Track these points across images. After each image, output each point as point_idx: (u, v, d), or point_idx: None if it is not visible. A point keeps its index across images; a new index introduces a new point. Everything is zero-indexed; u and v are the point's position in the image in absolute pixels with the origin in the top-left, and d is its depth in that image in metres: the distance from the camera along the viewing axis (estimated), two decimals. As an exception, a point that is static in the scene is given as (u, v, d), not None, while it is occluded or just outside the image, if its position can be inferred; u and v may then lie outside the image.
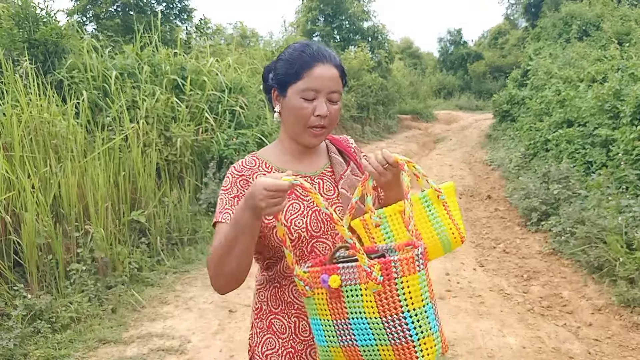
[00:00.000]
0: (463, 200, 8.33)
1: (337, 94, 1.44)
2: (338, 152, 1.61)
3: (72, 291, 4.26)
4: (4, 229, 4.29)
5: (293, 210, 1.44)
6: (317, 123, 1.42)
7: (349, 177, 1.54)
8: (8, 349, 3.54)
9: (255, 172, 1.48)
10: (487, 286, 4.83)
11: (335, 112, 1.44)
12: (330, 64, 1.43)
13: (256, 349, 1.52)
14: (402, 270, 1.15)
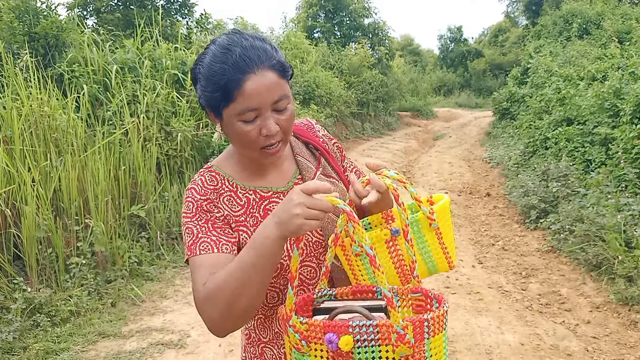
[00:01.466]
0: (462, 198, 8.34)
1: (283, 101, 1.17)
2: (305, 148, 1.40)
3: (72, 285, 4.27)
4: (4, 222, 4.30)
5: None
6: (268, 143, 1.18)
7: (320, 179, 1.33)
8: (7, 342, 3.55)
9: (221, 194, 1.26)
10: (485, 283, 4.84)
11: (286, 120, 1.19)
12: (262, 68, 1.14)
13: None
14: (433, 331, 1.01)
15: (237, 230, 1.25)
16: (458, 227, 6.72)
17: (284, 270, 1.24)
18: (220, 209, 1.24)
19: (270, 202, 1.29)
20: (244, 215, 1.26)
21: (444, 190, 8.75)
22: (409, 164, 12.29)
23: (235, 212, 1.26)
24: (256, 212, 1.27)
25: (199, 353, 3.62)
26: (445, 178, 9.96)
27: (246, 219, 1.26)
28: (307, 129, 1.43)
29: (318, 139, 1.42)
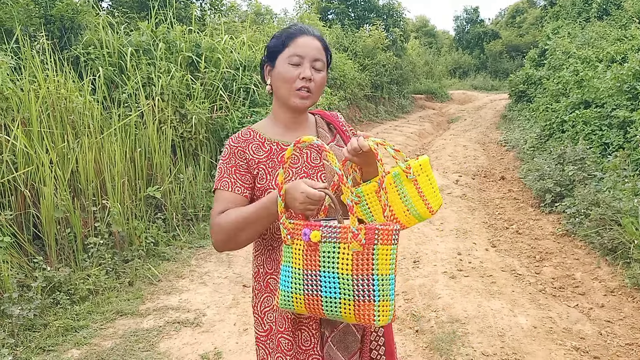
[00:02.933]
0: (476, 181, 8.31)
1: (320, 62, 1.58)
2: (326, 125, 1.76)
3: (90, 264, 4.35)
4: (23, 203, 4.37)
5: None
6: (302, 85, 1.56)
7: (333, 148, 1.68)
8: (28, 319, 3.64)
9: (250, 143, 1.63)
10: (498, 266, 4.84)
11: (319, 79, 1.59)
12: (313, 36, 1.60)
13: (256, 307, 1.69)
14: (381, 239, 1.30)
15: (256, 169, 1.61)
16: (472, 211, 6.71)
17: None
18: (246, 156, 1.61)
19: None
20: (265, 159, 1.62)
21: (458, 174, 8.72)
22: (422, 147, 12.24)
23: (259, 156, 1.62)
24: (275, 157, 1.62)
25: (214, 332, 3.69)
26: (459, 161, 9.91)
27: (266, 162, 1.62)
28: (331, 115, 1.81)
29: (338, 122, 1.80)
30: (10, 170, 4.31)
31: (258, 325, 1.70)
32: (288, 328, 1.58)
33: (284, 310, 1.56)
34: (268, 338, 1.66)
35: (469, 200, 7.17)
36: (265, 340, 1.67)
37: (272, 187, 1.57)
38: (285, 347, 1.59)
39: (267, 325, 1.66)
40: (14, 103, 4.74)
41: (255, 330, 1.71)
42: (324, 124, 1.76)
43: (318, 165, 1.65)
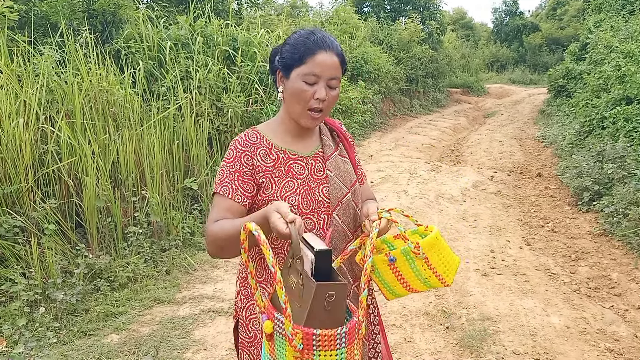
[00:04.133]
0: (512, 178, 8.20)
1: (336, 81, 1.54)
2: (329, 133, 1.74)
3: (129, 253, 4.50)
4: (67, 192, 4.55)
5: (288, 188, 1.56)
6: (315, 106, 1.53)
7: (336, 158, 1.67)
8: (71, 304, 3.80)
9: (258, 148, 1.58)
10: (532, 265, 4.79)
11: (333, 97, 1.55)
12: (332, 52, 1.53)
13: (241, 313, 1.65)
14: (321, 345, 1.19)
15: (263, 177, 1.56)
16: (507, 208, 6.63)
17: None
18: (253, 162, 1.56)
19: (294, 162, 1.60)
20: (272, 167, 1.57)
21: (493, 170, 8.61)
22: (457, 142, 12.12)
23: (266, 164, 1.57)
24: (282, 166, 1.58)
25: (247, 322, 3.78)
26: (494, 157, 9.79)
27: (273, 170, 1.57)
28: (335, 123, 1.79)
29: (342, 130, 1.78)
30: (55, 161, 4.49)
31: (242, 330, 1.65)
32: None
33: None
34: (253, 344, 1.63)
35: (504, 197, 7.09)
36: (249, 346, 1.64)
37: (278, 198, 1.53)
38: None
39: (252, 332, 1.63)
40: (59, 95, 4.93)
41: (239, 334, 1.67)
42: (327, 132, 1.73)
43: (321, 177, 1.61)
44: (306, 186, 1.57)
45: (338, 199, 1.59)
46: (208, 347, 3.45)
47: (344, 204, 1.60)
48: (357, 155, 1.80)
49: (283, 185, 1.55)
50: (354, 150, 1.78)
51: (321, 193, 1.59)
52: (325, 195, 1.58)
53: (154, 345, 3.34)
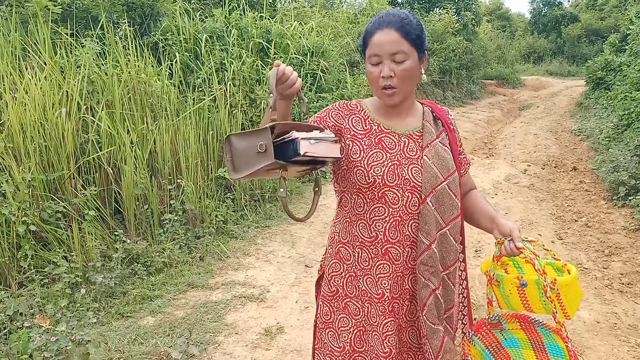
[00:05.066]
0: (546, 171, 8.08)
1: (400, 55, 1.55)
2: (433, 119, 1.73)
3: (165, 239, 4.66)
4: (106, 180, 4.73)
5: (375, 158, 1.61)
6: (384, 84, 1.57)
7: (436, 146, 1.66)
8: (110, 287, 3.97)
9: (353, 115, 1.68)
10: (564, 259, 4.72)
11: (401, 71, 1.56)
12: (389, 28, 1.55)
13: (325, 269, 1.77)
14: None
15: (350, 140, 1.65)
16: (539, 202, 6.57)
17: (373, 186, 1.59)
18: (342, 122, 1.67)
19: (386, 136, 1.65)
20: (362, 135, 1.65)
21: (527, 163, 8.51)
22: (491, 134, 11.98)
23: (357, 130, 1.66)
24: (373, 137, 1.65)
25: (277, 307, 3.88)
26: (529, 150, 9.65)
27: (362, 138, 1.65)
28: (442, 110, 1.78)
29: (448, 119, 1.76)
30: (95, 150, 4.66)
31: (325, 284, 1.77)
32: (358, 296, 1.69)
33: (354, 278, 1.69)
34: (334, 298, 1.74)
35: (537, 191, 7.01)
36: (330, 299, 1.75)
37: (364, 165, 1.60)
38: (354, 311, 1.69)
39: (334, 288, 1.74)
40: (99, 86, 5.10)
41: (322, 288, 1.79)
42: (430, 117, 1.73)
43: (413, 157, 1.64)
44: (395, 161, 1.61)
45: (433, 186, 1.60)
46: (239, 331, 3.57)
47: (438, 192, 1.61)
48: (461, 145, 1.81)
49: (371, 154, 1.61)
50: (457, 140, 1.77)
51: (409, 172, 1.61)
52: (414, 175, 1.61)
53: (188, 328, 3.47)
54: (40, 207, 4.06)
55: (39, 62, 4.86)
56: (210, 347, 3.37)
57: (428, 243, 1.60)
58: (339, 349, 1.73)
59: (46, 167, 4.31)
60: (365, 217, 1.65)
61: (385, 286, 1.66)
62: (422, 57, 1.62)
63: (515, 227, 1.57)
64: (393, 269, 1.65)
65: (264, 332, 3.54)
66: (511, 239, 1.55)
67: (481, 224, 1.72)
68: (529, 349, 1.67)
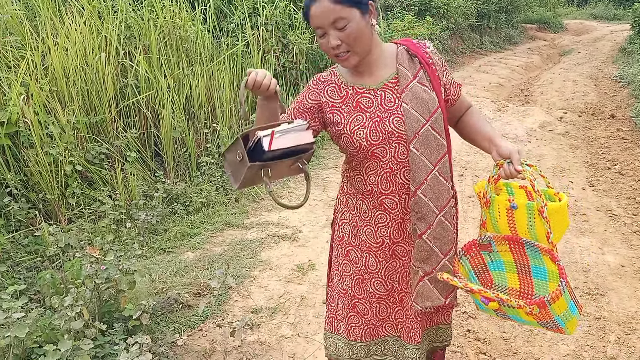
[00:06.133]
0: (582, 119, 7.93)
1: (339, 21, 1.52)
2: (408, 59, 1.67)
3: (202, 181, 4.86)
4: (145, 124, 4.91)
5: (356, 122, 1.65)
6: (336, 52, 1.58)
7: (414, 88, 1.63)
8: (152, 224, 4.21)
9: (327, 86, 1.71)
10: (594, 206, 4.77)
11: (346, 36, 1.54)
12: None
13: (337, 215, 1.91)
14: (552, 300, 1.45)
15: (330, 112, 1.69)
16: (573, 149, 6.50)
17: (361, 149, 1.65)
18: (319, 98, 1.70)
19: (362, 96, 1.67)
20: (340, 103, 1.69)
21: (563, 110, 8.35)
22: (528, 81, 11.70)
23: (334, 100, 1.69)
24: (350, 102, 1.68)
25: (308, 246, 4.07)
26: (566, 97, 9.44)
27: (341, 106, 1.68)
28: (418, 45, 1.72)
29: (425, 54, 1.69)
30: (134, 94, 4.82)
31: (336, 229, 1.90)
32: (358, 245, 1.81)
33: (356, 228, 1.80)
34: (340, 244, 1.87)
35: (572, 139, 6.93)
36: (339, 243, 1.88)
37: (347, 131, 1.64)
38: (354, 259, 1.83)
39: (341, 234, 1.86)
40: (136, 32, 5.21)
41: (335, 231, 1.92)
42: (405, 58, 1.67)
43: (392, 108, 1.64)
44: (375, 117, 1.63)
45: (415, 131, 1.60)
46: (273, 267, 3.77)
47: (421, 135, 1.61)
48: (446, 73, 1.73)
49: (352, 119, 1.64)
50: (439, 72, 1.70)
51: (392, 124, 1.62)
52: (396, 126, 1.62)
53: (225, 263, 3.68)
54: (85, 149, 4.28)
55: (78, 7, 4.97)
56: (246, 280, 3.59)
57: (414, 189, 1.65)
58: (343, 292, 1.89)
59: (89, 110, 4.50)
60: (360, 172, 1.73)
61: (384, 234, 1.76)
62: (366, 11, 1.56)
63: (515, 150, 1.56)
64: (391, 218, 1.74)
65: (296, 269, 3.74)
66: (510, 161, 1.55)
67: (479, 144, 1.74)
68: (513, 272, 1.72)
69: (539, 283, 1.70)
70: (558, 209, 1.56)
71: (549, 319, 1.49)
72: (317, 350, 2.88)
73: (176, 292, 3.25)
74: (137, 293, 2.99)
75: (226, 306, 3.30)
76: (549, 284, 1.66)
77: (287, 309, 3.27)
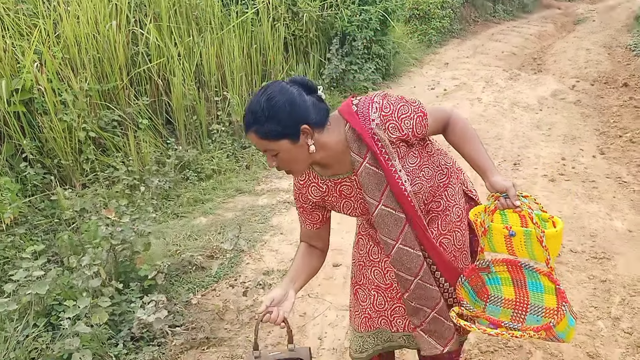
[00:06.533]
0: (595, 87, 7.85)
1: (269, 151, 1.52)
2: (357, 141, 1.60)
3: (214, 148, 4.91)
4: (156, 91, 4.95)
5: (346, 208, 1.72)
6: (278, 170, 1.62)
7: (363, 173, 1.61)
8: (164, 189, 4.29)
9: (310, 185, 1.70)
10: (604, 173, 4.77)
11: (280, 161, 1.54)
12: (249, 132, 1.51)
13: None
14: (557, 324, 1.51)
15: (326, 202, 1.72)
16: (585, 117, 6.46)
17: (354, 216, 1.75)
18: (309, 197, 1.72)
19: (342, 184, 1.68)
20: (327, 196, 1.71)
21: (575, 79, 8.26)
22: (541, 49, 11.53)
23: (322, 196, 1.71)
24: (334, 192, 1.69)
25: (319, 212, 4.12)
26: (579, 66, 9.31)
27: (329, 198, 1.71)
28: (362, 123, 1.59)
29: (369, 132, 1.58)
30: (145, 62, 4.85)
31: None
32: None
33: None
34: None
35: (583, 107, 6.87)
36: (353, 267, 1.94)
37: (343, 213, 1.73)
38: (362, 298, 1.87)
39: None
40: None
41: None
42: (353, 141, 1.60)
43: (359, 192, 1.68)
44: (359, 199, 1.68)
45: (371, 213, 1.65)
46: (284, 232, 3.84)
47: (375, 216, 1.64)
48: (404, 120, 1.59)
49: (342, 206, 1.71)
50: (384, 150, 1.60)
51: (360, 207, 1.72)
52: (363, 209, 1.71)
53: (237, 227, 3.76)
54: (98, 116, 4.34)
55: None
56: (257, 244, 3.67)
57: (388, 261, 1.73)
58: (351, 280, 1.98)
59: (100, 77, 4.55)
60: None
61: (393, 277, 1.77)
62: (297, 137, 1.51)
63: (510, 186, 1.56)
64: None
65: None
66: (507, 195, 1.56)
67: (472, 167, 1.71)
68: (509, 286, 1.79)
69: (534, 294, 1.76)
70: (555, 235, 1.60)
71: (553, 337, 1.56)
72: (326, 310, 2.97)
73: (190, 255, 3.34)
74: (151, 255, 3.08)
75: (238, 268, 3.39)
76: (545, 296, 1.72)
77: (298, 271, 3.35)
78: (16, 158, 3.87)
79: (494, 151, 5.29)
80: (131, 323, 2.61)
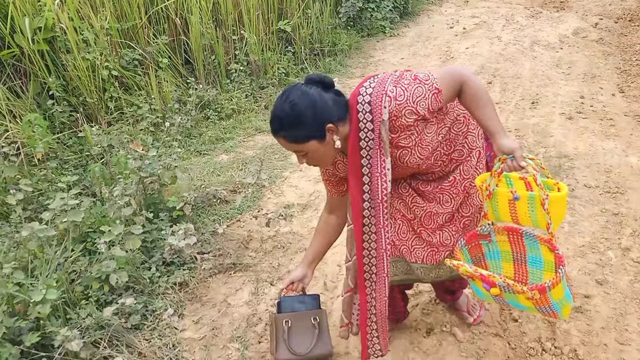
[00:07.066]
0: (619, 25, 7.65)
1: (299, 152, 1.66)
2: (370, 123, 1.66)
3: (232, 88, 4.97)
4: (175, 31, 4.97)
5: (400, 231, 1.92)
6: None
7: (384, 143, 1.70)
8: (187, 128, 4.39)
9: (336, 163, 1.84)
10: (622, 111, 4.76)
11: (312, 159, 1.69)
12: (277, 136, 1.63)
13: None
14: (552, 286, 1.53)
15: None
16: (606, 56, 6.36)
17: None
18: (337, 173, 1.87)
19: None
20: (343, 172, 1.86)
21: (599, 17, 8.05)
22: (564, -13, 11.15)
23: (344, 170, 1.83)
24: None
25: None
26: (603, 3, 9.03)
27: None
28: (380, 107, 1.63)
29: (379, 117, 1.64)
30: (163, 0, 4.85)
31: None
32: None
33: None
34: None
35: (605, 45, 6.75)
36: None
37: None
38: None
39: None
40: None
41: None
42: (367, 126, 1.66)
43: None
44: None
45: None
46: (303, 168, 3.95)
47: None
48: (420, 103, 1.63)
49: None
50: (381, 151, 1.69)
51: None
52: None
53: (259, 161, 3.87)
54: (119, 54, 4.39)
55: None
56: (278, 180, 3.79)
57: None
58: None
59: (119, 16, 4.57)
60: None
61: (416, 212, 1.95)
62: (323, 136, 1.62)
63: (517, 147, 1.58)
64: None
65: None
66: (513, 156, 1.58)
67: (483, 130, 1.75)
68: (509, 262, 1.86)
69: (533, 272, 1.82)
70: (559, 199, 1.62)
71: (547, 304, 1.58)
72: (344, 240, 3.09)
73: (214, 189, 3.47)
74: (178, 188, 3.21)
75: (260, 202, 3.52)
76: (544, 273, 1.79)
77: (318, 205, 3.47)
78: (42, 96, 3.97)
79: (512, 90, 5.28)
80: (162, 249, 2.78)
